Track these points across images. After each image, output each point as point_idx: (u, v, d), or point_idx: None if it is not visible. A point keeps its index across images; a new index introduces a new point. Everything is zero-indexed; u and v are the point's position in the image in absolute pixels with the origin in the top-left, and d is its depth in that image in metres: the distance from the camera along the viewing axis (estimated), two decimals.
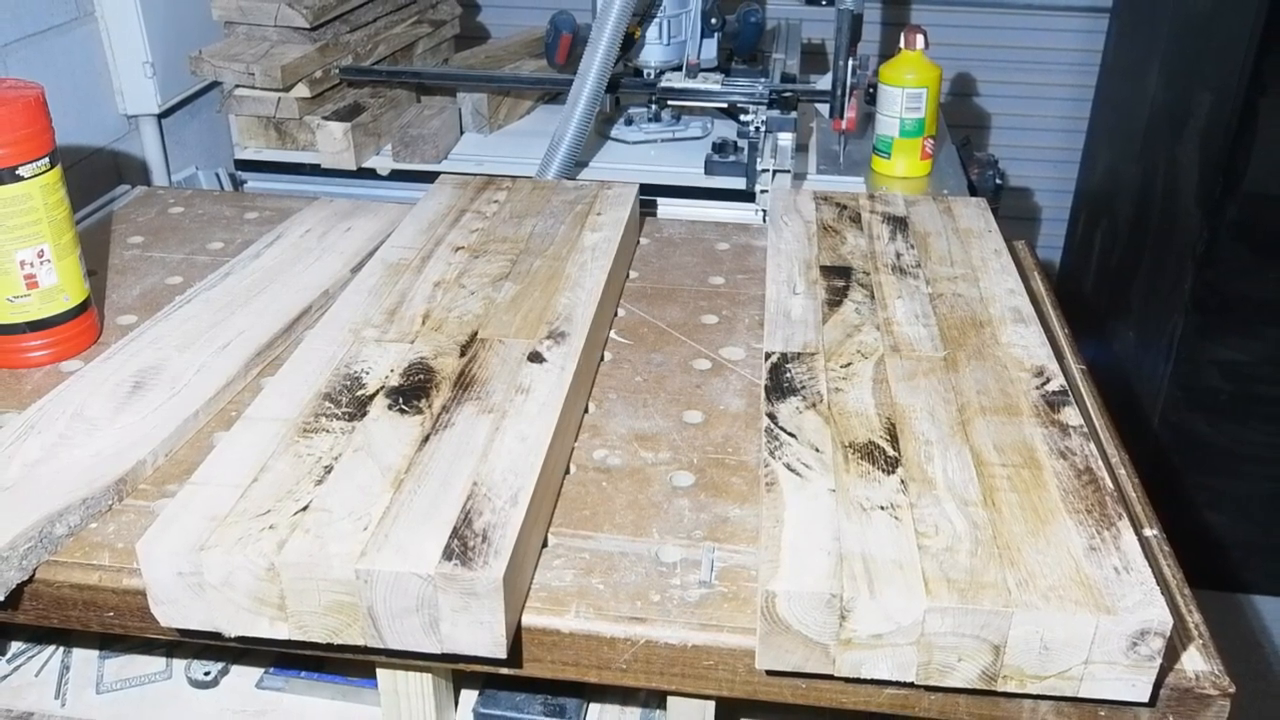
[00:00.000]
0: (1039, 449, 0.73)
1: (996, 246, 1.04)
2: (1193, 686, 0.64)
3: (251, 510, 0.66)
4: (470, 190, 1.15)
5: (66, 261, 0.91)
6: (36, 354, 0.91)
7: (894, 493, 0.69)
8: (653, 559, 0.71)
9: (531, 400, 0.78)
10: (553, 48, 1.68)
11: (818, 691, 0.66)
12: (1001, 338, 0.88)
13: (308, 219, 1.14)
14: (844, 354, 0.85)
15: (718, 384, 0.90)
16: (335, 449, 0.72)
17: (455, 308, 0.90)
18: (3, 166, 0.85)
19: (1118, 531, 0.66)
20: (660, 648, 0.66)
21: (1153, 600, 0.60)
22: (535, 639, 0.67)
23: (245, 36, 1.65)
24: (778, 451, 0.73)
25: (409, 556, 0.62)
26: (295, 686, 0.81)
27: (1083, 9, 2.27)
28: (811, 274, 0.98)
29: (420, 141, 1.60)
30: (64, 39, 1.48)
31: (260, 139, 1.67)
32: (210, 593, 0.64)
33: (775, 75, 1.63)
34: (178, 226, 1.17)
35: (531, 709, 0.77)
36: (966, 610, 0.60)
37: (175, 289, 1.03)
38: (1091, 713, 0.65)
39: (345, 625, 0.64)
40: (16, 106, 0.85)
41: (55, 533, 0.70)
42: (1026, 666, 0.61)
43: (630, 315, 1.00)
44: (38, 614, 0.71)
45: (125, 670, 0.83)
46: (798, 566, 0.63)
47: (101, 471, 0.75)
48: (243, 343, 0.91)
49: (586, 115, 1.43)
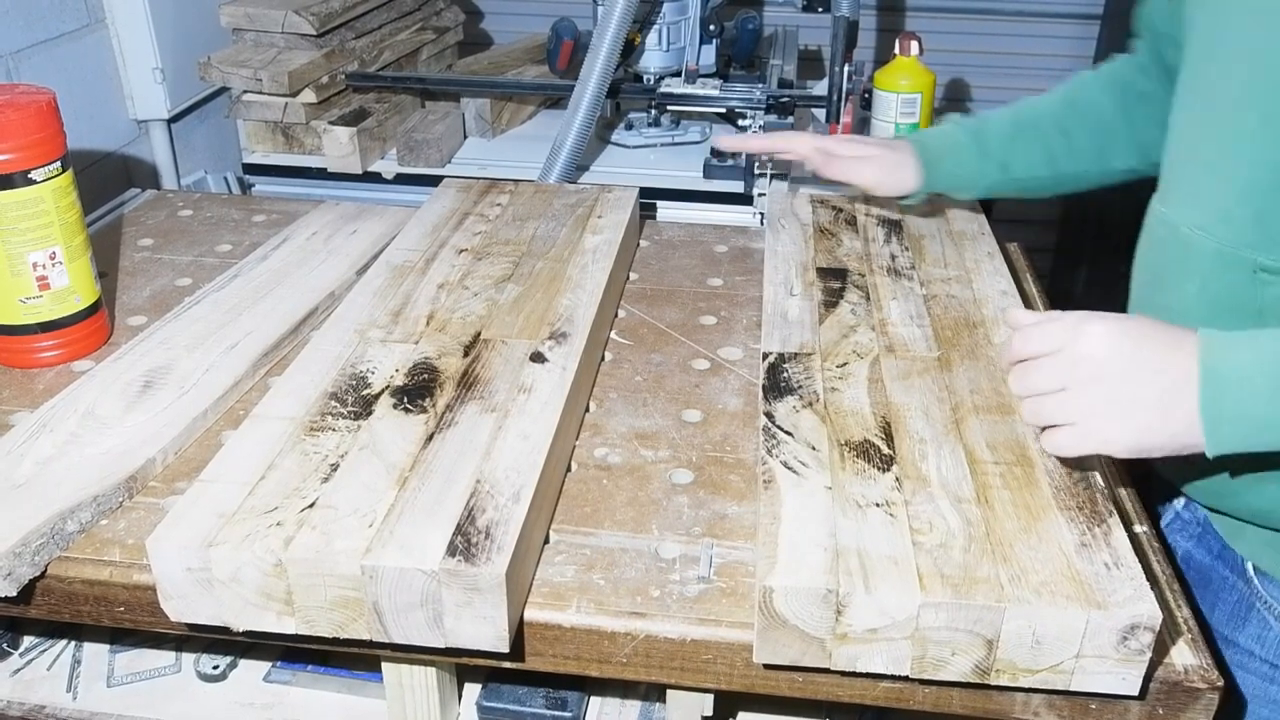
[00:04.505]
0: (1031, 447, 0.74)
1: (989, 249, 1.05)
2: (1182, 680, 0.65)
3: (259, 507, 0.67)
4: (474, 194, 1.16)
5: (78, 263, 0.92)
6: (48, 354, 0.92)
7: (889, 490, 0.70)
8: (652, 555, 0.72)
9: (533, 399, 0.79)
10: (554, 54, 1.69)
11: (814, 685, 0.67)
12: (994, 338, 0.89)
13: (314, 222, 1.15)
14: (840, 354, 0.86)
15: (716, 383, 0.91)
16: (341, 447, 0.73)
17: (459, 309, 0.92)
18: (15, 170, 0.86)
19: (1108, 528, 0.67)
20: (660, 642, 0.67)
21: (1142, 595, 0.61)
22: (537, 633, 0.68)
23: (253, 43, 1.67)
24: (775, 450, 0.74)
25: (413, 552, 0.64)
26: (302, 680, 0.82)
27: (1074, 16, 2.28)
28: (808, 276, 0.99)
29: (424, 146, 1.61)
30: (75, 45, 1.50)
31: (268, 143, 1.68)
32: (219, 588, 0.65)
33: (772, 81, 1.65)
34: (187, 229, 1.18)
35: (534, 702, 0.78)
36: (960, 605, 0.61)
37: (184, 290, 1.04)
38: (1082, 705, 0.66)
39: (351, 620, 0.65)
40: (29, 111, 0.86)
41: (67, 529, 0.71)
42: (1019, 660, 0.62)
43: (630, 316, 1.01)
44: (49, 609, 0.72)
45: (135, 664, 0.84)
46: (794, 562, 0.64)
47: (112, 469, 0.76)
48: (250, 343, 0.92)
49: (587, 120, 1.44)
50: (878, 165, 1.01)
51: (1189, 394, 0.64)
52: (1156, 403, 0.65)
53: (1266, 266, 0.71)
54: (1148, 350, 0.66)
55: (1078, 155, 0.99)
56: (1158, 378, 0.65)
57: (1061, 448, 0.69)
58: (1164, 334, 0.67)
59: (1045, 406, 0.69)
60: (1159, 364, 0.65)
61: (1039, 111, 1.01)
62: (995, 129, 1.01)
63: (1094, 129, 0.98)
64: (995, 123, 1.01)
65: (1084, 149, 0.98)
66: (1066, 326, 0.68)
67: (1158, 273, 0.80)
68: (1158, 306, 0.79)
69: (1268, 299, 0.72)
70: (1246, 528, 0.79)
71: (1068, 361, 0.68)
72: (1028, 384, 0.71)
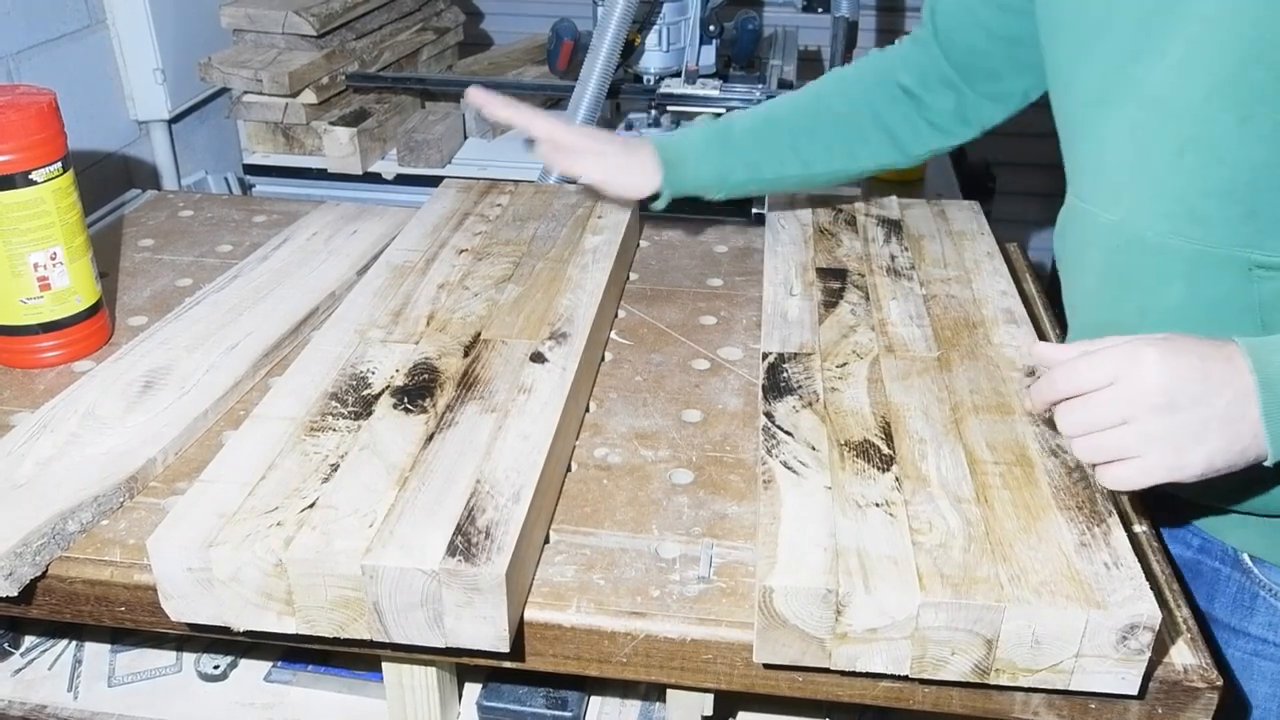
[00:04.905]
0: (1030, 447, 0.75)
1: (989, 249, 1.05)
2: (1181, 679, 0.65)
3: (259, 507, 0.67)
4: (474, 194, 1.16)
5: (78, 264, 0.92)
6: (49, 354, 0.92)
7: (889, 490, 0.70)
8: (652, 555, 0.72)
9: (534, 399, 0.79)
10: (554, 54, 1.70)
11: (814, 684, 0.67)
12: (994, 338, 0.89)
13: (314, 222, 1.15)
14: (840, 354, 0.86)
15: (716, 383, 0.91)
16: (341, 447, 0.73)
17: (459, 309, 0.92)
18: (16, 171, 0.86)
19: (1108, 528, 0.67)
20: (660, 642, 0.67)
21: (1142, 595, 0.61)
22: (537, 633, 0.68)
23: (253, 44, 1.67)
24: (775, 450, 0.75)
25: (414, 552, 0.64)
26: (302, 680, 0.82)
27: None
28: (808, 276, 0.99)
29: (425, 146, 1.62)
30: (76, 46, 1.50)
31: (268, 144, 1.68)
32: (219, 588, 0.65)
33: (772, 81, 1.65)
34: (187, 230, 1.18)
35: (534, 702, 0.78)
36: (960, 605, 0.61)
37: (185, 291, 1.04)
38: (1082, 705, 0.66)
39: (351, 620, 0.65)
40: (29, 112, 0.86)
41: (67, 529, 0.71)
42: (1018, 660, 0.62)
43: (630, 316, 1.02)
44: (50, 609, 0.72)
45: (136, 664, 0.84)
46: (794, 562, 0.64)
47: (113, 469, 0.76)
48: (251, 343, 0.92)
49: (588, 121, 1.44)
50: (608, 163, 0.97)
51: (1251, 406, 0.62)
52: (1224, 422, 0.63)
53: (1263, 263, 0.71)
54: (1207, 369, 0.63)
55: (827, 154, 0.97)
56: (1220, 396, 0.63)
57: (1127, 481, 0.65)
58: (1212, 350, 0.64)
59: (1108, 442, 0.65)
60: (1219, 381, 0.63)
61: (787, 110, 0.99)
62: (742, 128, 0.98)
63: (841, 128, 0.97)
64: (742, 121, 0.99)
65: (832, 147, 0.97)
66: (1120, 356, 0.64)
67: (1120, 279, 0.78)
68: (1127, 312, 0.77)
69: (1266, 294, 0.71)
70: (1237, 519, 0.78)
71: (1130, 393, 0.63)
72: (1083, 420, 0.65)
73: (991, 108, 0.97)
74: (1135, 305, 0.77)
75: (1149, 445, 0.63)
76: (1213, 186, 0.71)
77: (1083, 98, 0.78)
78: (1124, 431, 0.64)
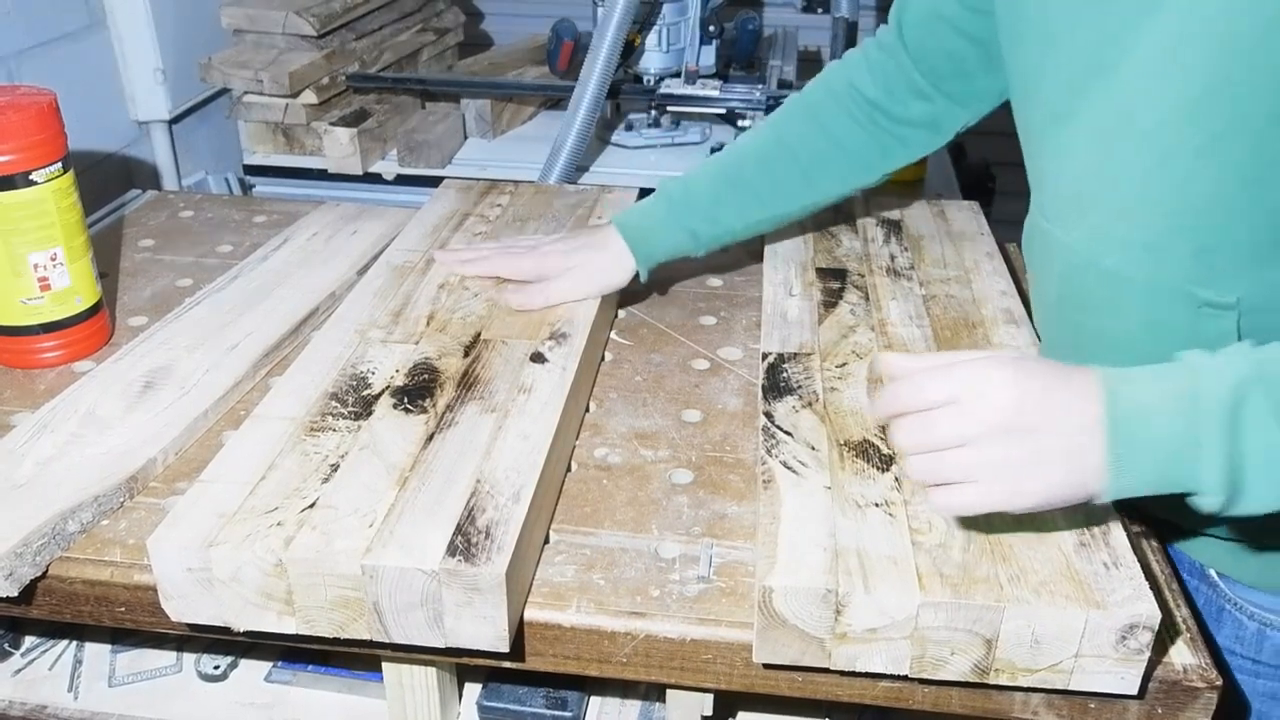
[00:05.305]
0: None
1: (989, 249, 1.05)
2: (1180, 679, 0.65)
3: (259, 507, 0.67)
4: (474, 194, 1.16)
5: (79, 264, 0.92)
6: (49, 354, 0.92)
7: (888, 490, 0.70)
8: (652, 555, 0.72)
9: (533, 399, 0.79)
10: (555, 55, 1.70)
11: (814, 684, 0.67)
12: (994, 338, 0.89)
13: (315, 223, 1.15)
14: (839, 354, 0.86)
15: (716, 384, 0.91)
16: (342, 447, 0.73)
17: (459, 309, 0.92)
18: (16, 171, 0.86)
19: (1107, 527, 0.67)
20: (660, 642, 0.67)
21: (1141, 595, 0.62)
22: (537, 633, 0.68)
23: (254, 44, 1.67)
24: (774, 450, 0.75)
25: (413, 552, 0.64)
26: (302, 680, 0.82)
27: None
28: (808, 276, 0.99)
29: (425, 147, 1.62)
30: (76, 46, 1.50)
31: (268, 144, 1.68)
32: (219, 588, 0.65)
33: (772, 82, 1.65)
34: (188, 230, 1.18)
35: (534, 702, 0.78)
36: (959, 605, 0.61)
37: (185, 291, 1.04)
38: (1081, 705, 0.66)
39: (351, 620, 0.65)
40: (29, 113, 0.86)
41: (68, 529, 0.72)
42: (1018, 660, 0.62)
43: (630, 316, 1.02)
44: (51, 609, 0.72)
45: (136, 664, 0.84)
46: (794, 562, 0.64)
47: (113, 469, 0.76)
48: (251, 343, 0.92)
49: (587, 121, 1.45)
50: (587, 273, 0.94)
51: (1096, 438, 0.59)
52: (1065, 454, 0.59)
53: (1213, 302, 0.68)
54: (1050, 397, 0.59)
55: (791, 193, 0.96)
56: (1063, 426, 0.59)
57: (958, 507, 0.61)
58: (1063, 377, 0.60)
59: (944, 464, 0.60)
60: (1062, 411, 0.59)
61: (748, 154, 0.98)
62: (700, 187, 0.97)
63: (800, 163, 0.95)
64: (701, 178, 0.98)
65: (794, 186, 0.96)
66: (967, 373, 0.60)
67: (1077, 302, 0.76)
68: (1092, 331, 0.75)
69: (1212, 333, 0.68)
70: (1205, 539, 0.78)
71: (973, 413, 0.59)
72: (923, 439, 0.61)
73: (963, 111, 0.95)
74: (1093, 328, 0.75)
75: (985, 470, 0.60)
76: (1165, 219, 0.68)
77: (1044, 111, 0.76)
78: (961, 455, 0.60)
